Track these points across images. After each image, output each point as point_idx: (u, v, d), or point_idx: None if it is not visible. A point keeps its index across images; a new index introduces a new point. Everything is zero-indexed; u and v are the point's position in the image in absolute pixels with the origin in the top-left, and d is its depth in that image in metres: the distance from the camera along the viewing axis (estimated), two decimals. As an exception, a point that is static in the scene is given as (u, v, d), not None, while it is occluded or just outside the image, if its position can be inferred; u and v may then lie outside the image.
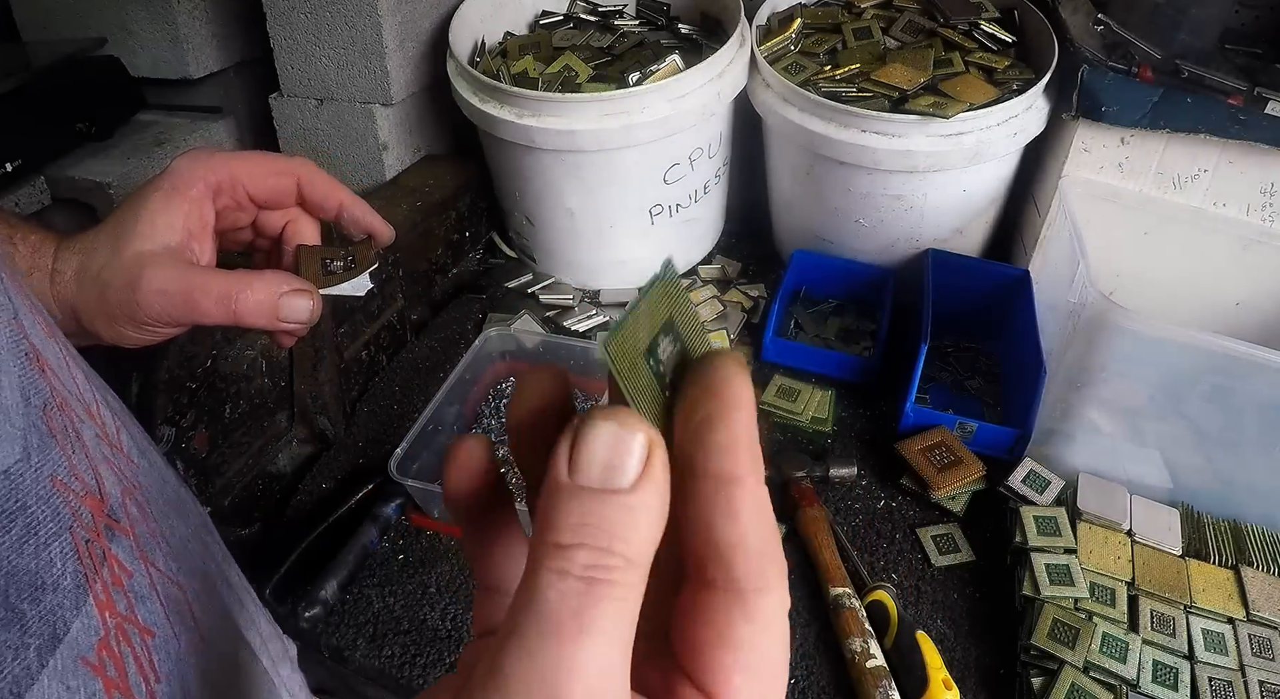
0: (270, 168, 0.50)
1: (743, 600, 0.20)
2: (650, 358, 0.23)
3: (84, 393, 0.32)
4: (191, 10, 1.06)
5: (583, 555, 0.19)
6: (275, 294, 0.47)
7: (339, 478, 0.82)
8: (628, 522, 0.19)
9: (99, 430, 0.32)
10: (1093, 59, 0.86)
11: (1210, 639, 0.66)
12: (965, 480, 0.78)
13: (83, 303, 0.47)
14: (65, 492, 0.26)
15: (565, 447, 0.20)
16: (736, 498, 0.20)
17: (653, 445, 0.20)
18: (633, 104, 0.88)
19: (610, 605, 0.18)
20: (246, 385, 0.76)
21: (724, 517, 0.20)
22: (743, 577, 0.20)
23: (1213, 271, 0.92)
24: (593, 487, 0.19)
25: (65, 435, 0.28)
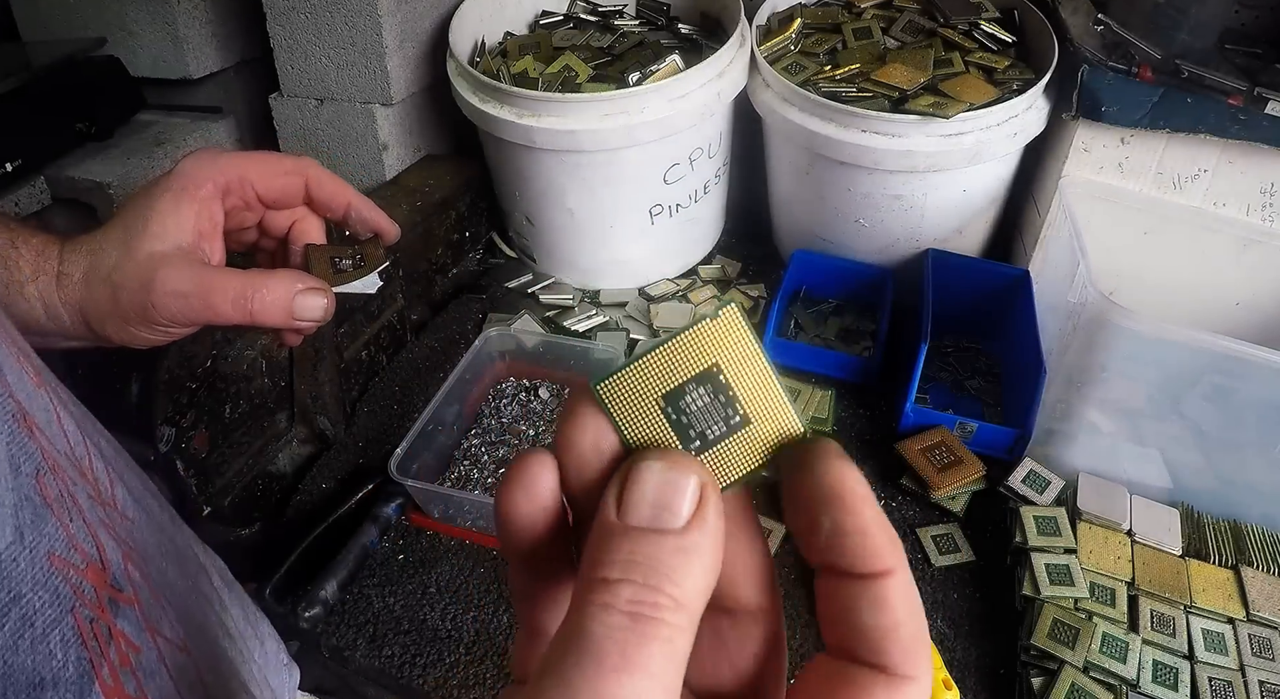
0: (279, 168, 0.51)
1: (891, 683, 0.20)
2: (670, 406, 0.22)
3: (75, 447, 0.32)
4: (191, 10, 1.06)
5: (629, 591, 0.18)
6: (290, 293, 0.47)
7: (339, 478, 0.82)
8: (679, 563, 0.19)
9: (92, 490, 0.31)
10: (1093, 59, 0.86)
11: (1210, 639, 0.66)
12: (965, 480, 0.78)
13: (93, 305, 0.46)
14: (65, 568, 0.26)
15: (615, 487, 0.20)
16: (889, 589, 0.20)
17: (706, 488, 0.20)
18: (633, 104, 0.88)
19: (656, 645, 0.18)
20: (246, 385, 0.76)
21: (876, 608, 0.20)
22: (896, 664, 0.20)
23: (1213, 271, 0.92)
24: (643, 527, 0.19)
25: (61, 502, 0.27)
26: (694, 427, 0.22)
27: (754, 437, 0.22)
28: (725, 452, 0.22)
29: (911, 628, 0.20)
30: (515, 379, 0.92)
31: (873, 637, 0.20)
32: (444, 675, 0.68)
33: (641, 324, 1.02)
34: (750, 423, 0.22)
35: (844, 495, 0.20)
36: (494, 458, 0.84)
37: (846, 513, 0.20)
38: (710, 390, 0.22)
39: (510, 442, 0.86)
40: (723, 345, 0.22)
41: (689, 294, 1.06)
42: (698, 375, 0.22)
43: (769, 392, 0.22)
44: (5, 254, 0.45)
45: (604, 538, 0.19)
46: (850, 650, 0.20)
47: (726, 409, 0.22)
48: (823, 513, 0.20)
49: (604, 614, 0.18)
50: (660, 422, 0.22)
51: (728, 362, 0.22)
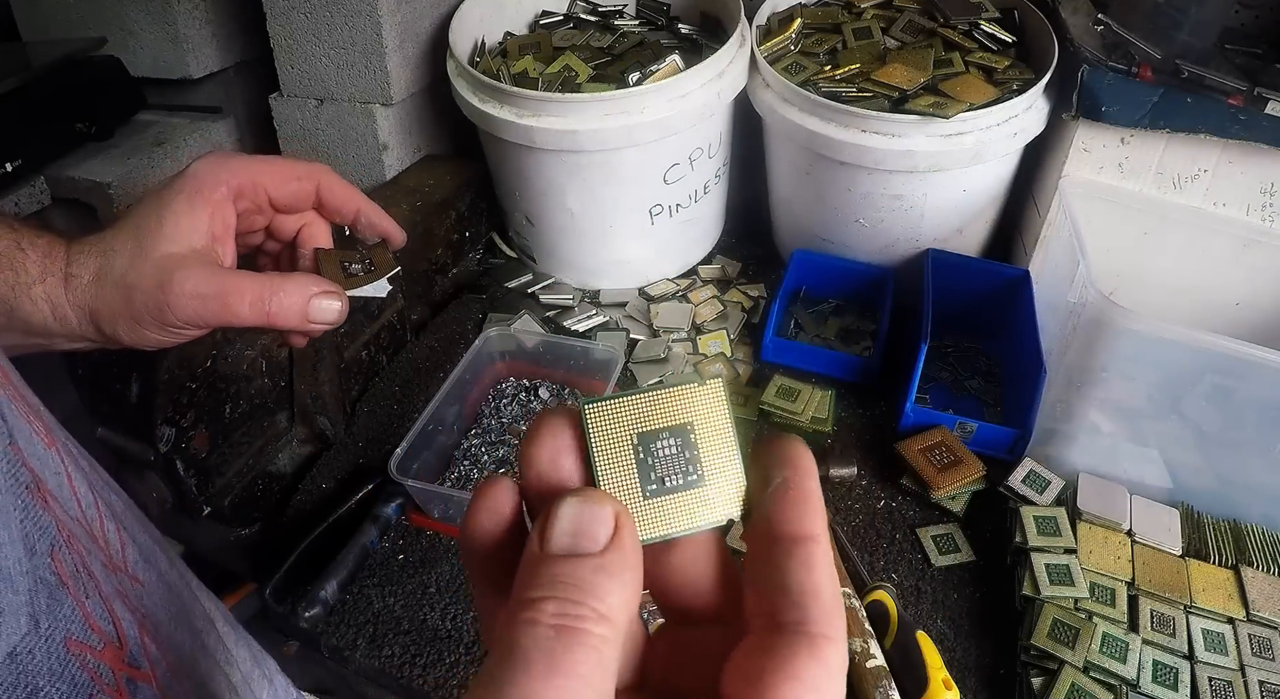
0: (291, 173, 0.51)
1: (813, 643, 0.21)
2: (642, 446, 0.24)
3: (86, 510, 0.32)
4: (191, 10, 1.06)
5: (553, 606, 0.20)
6: (306, 296, 0.48)
7: (339, 478, 0.82)
8: (600, 581, 0.20)
9: (105, 558, 0.31)
10: (1093, 59, 0.86)
11: (1210, 639, 0.66)
12: (965, 480, 0.78)
13: (104, 306, 0.46)
14: (82, 652, 0.25)
15: (539, 524, 0.22)
16: (814, 553, 0.22)
17: (621, 518, 0.22)
18: (633, 104, 0.88)
19: (582, 651, 0.19)
20: (246, 385, 0.76)
21: (802, 569, 0.22)
22: (816, 621, 0.21)
23: (1213, 271, 0.92)
24: (564, 553, 0.21)
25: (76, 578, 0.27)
26: (656, 470, 0.24)
27: (704, 498, 0.24)
28: (675, 503, 0.24)
29: (831, 591, 0.22)
30: (515, 379, 0.92)
31: (798, 596, 0.21)
32: (444, 675, 0.68)
33: (641, 324, 1.02)
34: (704, 484, 0.24)
35: (798, 462, 0.23)
36: (494, 458, 0.84)
37: (797, 474, 0.23)
38: (679, 444, 0.24)
39: (510, 441, 0.86)
40: (700, 410, 0.24)
41: (689, 294, 1.06)
42: (673, 427, 0.24)
43: (729, 464, 0.24)
44: (11, 256, 0.45)
45: (529, 566, 0.21)
46: (775, 614, 0.22)
47: (689, 466, 0.24)
48: (777, 472, 0.23)
49: (531, 628, 0.19)
50: (628, 454, 0.24)
51: (701, 425, 0.24)
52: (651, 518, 0.24)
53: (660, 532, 0.24)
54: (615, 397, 0.24)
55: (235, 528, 0.80)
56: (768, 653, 0.21)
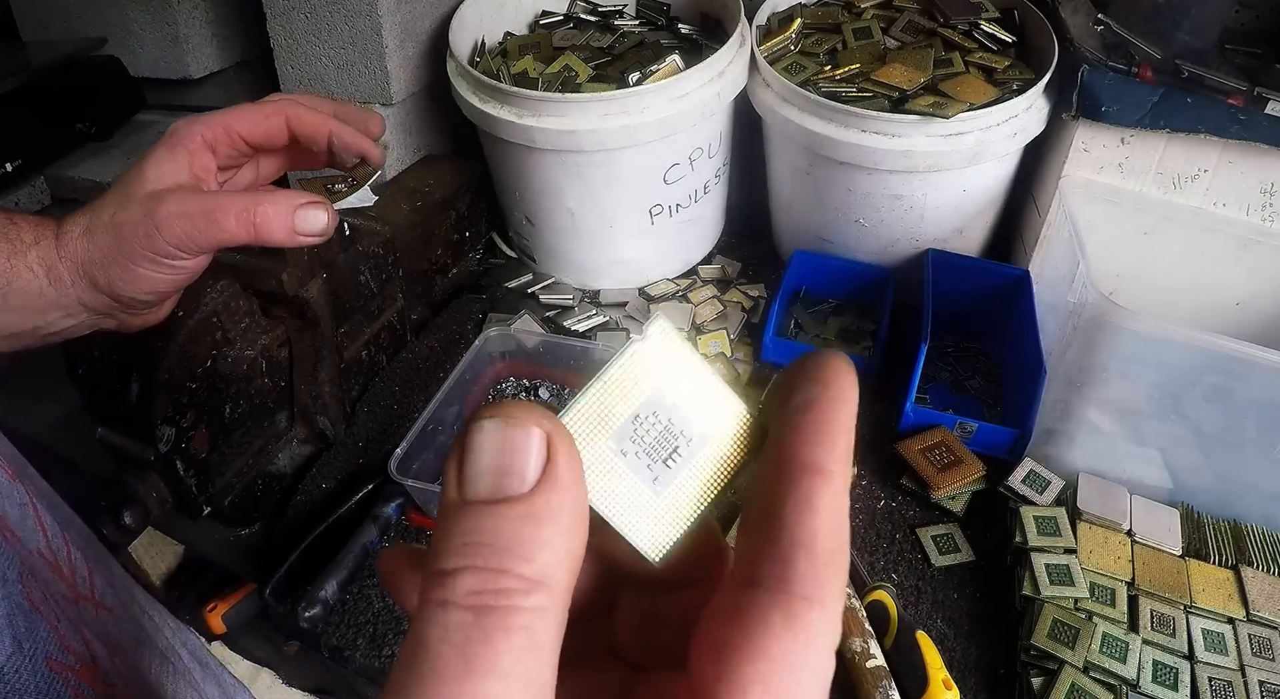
0: (259, 113, 0.53)
1: (789, 605, 0.17)
2: (620, 445, 0.20)
3: (52, 540, 0.32)
4: (191, 10, 1.06)
5: (468, 580, 0.15)
6: (292, 207, 0.48)
7: (339, 478, 0.82)
8: (529, 534, 0.16)
9: (68, 587, 0.31)
10: (1093, 59, 0.86)
11: (1210, 639, 0.66)
12: (965, 480, 0.78)
13: (96, 252, 0.47)
14: (63, 671, 0.25)
15: (454, 458, 0.17)
16: (819, 491, 0.17)
17: (554, 439, 0.17)
18: (633, 104, 0.88)
19: (509, 638, 0.15)
20: (246, 385, 0.75)
21: (799, 508, 0.17)
22: (798, 578, 0.17)
23: (1213, 271, 0.92)
24: (483, 499, 0.16)
25: (48, 604, 0.27)
26: (652, 458, 0.20)
27: (717, 453, 0.20)
28: (690, 478, 0.20)
29: (829, 545, 0.17)
30: (515, 379, 0.92)
31: (785, 544, 0.17)
32: None
33: (642, 324, 1.02)
34: (710, 440, 0.20)
35: (833, 382, 0.19)
36: (494, 458, 0.84)
37: (824, 393, 0.18)
38: (659, 416, 0.20)
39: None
40: (661, 367, 0.20)
41: (689, 294, 1.06)
42: (644, 404, 0.20)
43: (721, 400, 0.20)
44: (4, 228, 0.46)
45: (443, 522, 0.16)
46: (756, 567, 0.17)
47: (684, 434, 0.20)
48: (801, 388, 0.19)
49: (441, 614, 0.15)
50: (615, 461, 0.20)
51: (671, 383, 0.20)
52: (673, 507, 0.20)
53: (691, 513, 0.20)
54: (565, 410, 0.20)
55: (235, 528, 0.80)
56: (739, 618, 0.17)
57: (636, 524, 0.20)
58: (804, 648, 0.16)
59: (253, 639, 0.79)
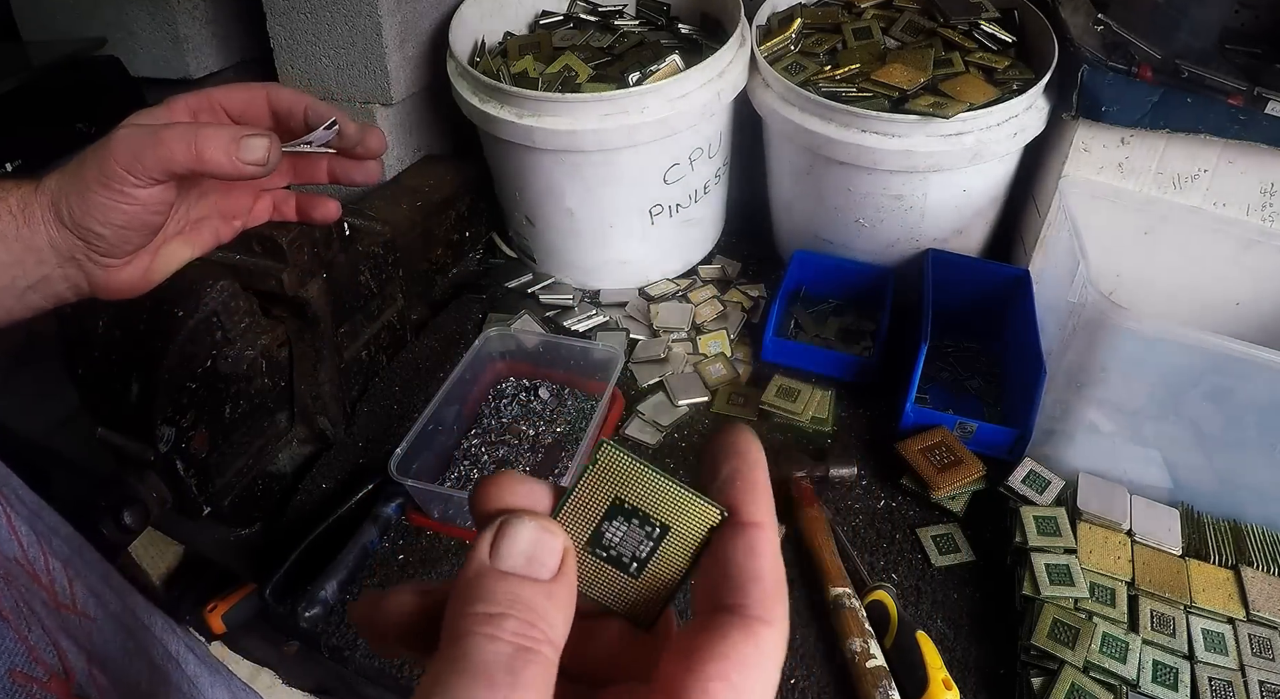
0: (241, 87, 0.56)
1: (748, 625, 0.22)
2: (598, 548, 0.25)
3: (29, 549, 0.32)
4: (191, 10, 1.06)
5: (512, 625, 0.21)
6: (236, 135, 0.49)
7: (339, 478, 0.82)
8: (548, 607, 0.21)
9: (48, 596, 0.32)
10: (1093, 59, 0.86)
11: (1210, 639, 0.66)
12: (965, 480, 0.78)
13: (63, 185, 0.48)
14: (28, 683, 0.26)
15: (489, 535, 0.22)
16: (759, 539, 0.23)
17: (568, 552, 0.23)
18: (633, 104, 0.88)
19: (537, 668, 0.20)
20: (246, 385, 0.75)
21: (746, 554, 0.23)
22: (754, 604, 0.22)
23: (1213, 271, 0.92)
24: (516, 573, 0.22)
25: (18, 613, 0.27)
26: (623, 555, 0.25)
27: (680, 537, 0.25)
28: (661, 562, 0.25)
29: (773, 578, 0.22)
30: (515, 379, 0.92)
31: (739, 579, 0.22)
32: None
33: (641, 324, 1.02)
34: (670, 529, 0.25)
35: (746, 453, 0.24)
36: (494, 458, 0.84)
37: (743, 463, 0.24)
38: (623, 519, 0.25)
39: (510, 441, 0.86)
40: (614, 480, 0.25)
41: (689, 294, 1.06)
42: (607, 512, 0.25)
43: (673, 496, 0.25)
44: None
45: (480, 577, 0.22)
46: (717, 596, 0.22)
47: (644, 527, 0.25)
48: (725, 462, 0.24)
49: (490, 643, 0.20)
50: (596, 561, 0.25)
51: (626, 490, 0.25)
52: (654, 583, 0.25)
53: (670, 584, 0.25)
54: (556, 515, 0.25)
55: (235, 528, 0.80)
56: (703, 632, 0.22)
57: (625, 603, 0.25)
58: (758, 656, 0.21)
59: (253, 639, 0.79)
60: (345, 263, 0.84)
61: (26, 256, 0.48)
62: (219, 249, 0.60)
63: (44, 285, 0.50)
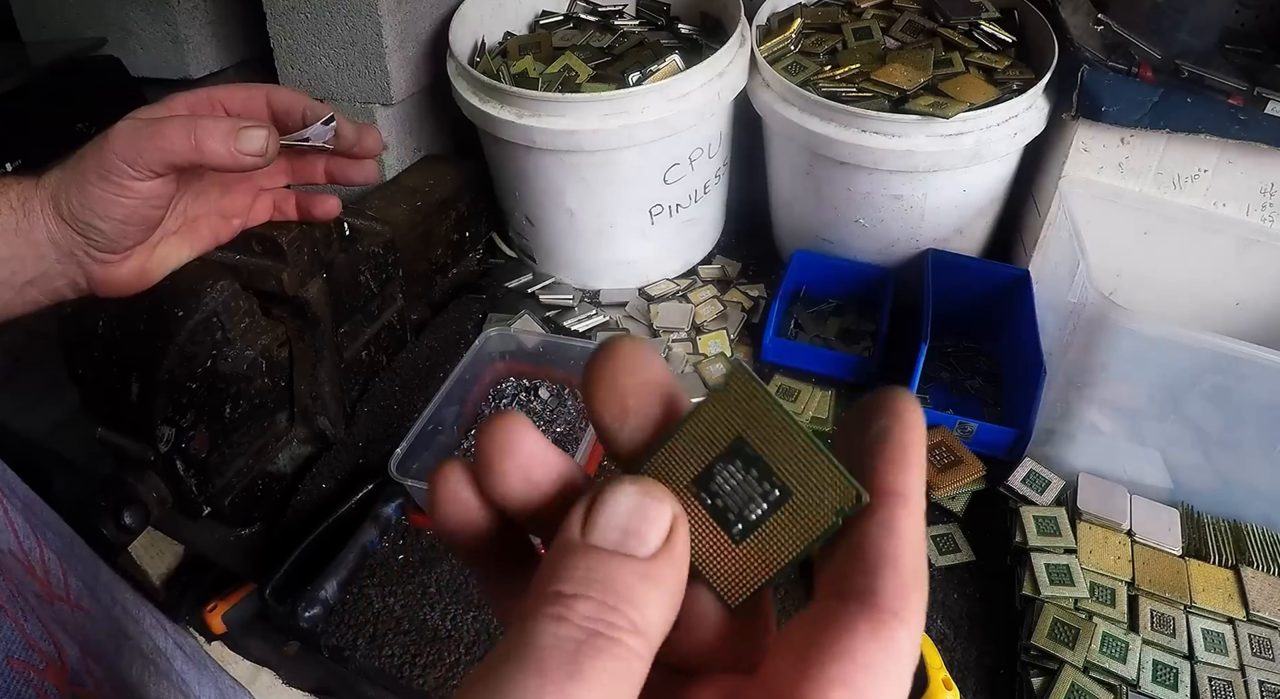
0: (241, 87, 0.57)
1: (877, 617, 0.18)
2: (702, 491, 0.20)
3: (24, 541, 0.32)
4: (191, 10, 1.06)
5: (586, 607, 0.17)
6: (234, 126, 0.49)
7: (339, 478, 0.82)
8: (641, 589, 0.18)
9: (42, 586, 0.32)
10: (1093, 59, 0.86)
11: (1210, 639, 0.66)
12: (965, 480, 0.78)
13: (63, 180, 0.49)
14: (26, 670, 0.26)
15: (583, 506, 0.19)
16: (900, 515, 0.19)
17: (678, 521, 0.19)
18: (633, 104, 0.88)
19: (608, 661, 0.17)
20: (246, 385, 0.75)
21: (883, 531, 0.19)
22: (885, 593, 0.18)
23: (1213, 271, 0.92)
24: (608, 548, 0.18)
25: (14, 602, 0.27)
26: (730, 510, 0.20)
27: (800, 510, 0.20)
28: (771, 531, 0.20)
29: (912, 565, 0.19)
30: (515, 379, 0.92)
31: (871, 562, 0.19)
32: (444, 675, 0.68)
33: (641, 324, 1.02)
34: (792, 495, 0.20)
35: (903, 414, 0.20)
36: (494, 458, 0.84)
37: (897, 424, 0.20)
38: (740, 466, 0.20)
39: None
40: (742, 414, 0.20)
41: (689, 294, 1.06)
42: (724, 453, 0.20)
43: (806, 454, 0.20)
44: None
45: (564, 554, 0.18)
46: (842, 582, 0.19)
47: (762, 484, 0.20)
48: (875, 421, 0.20)
49: (555, 626, 0.17)
50: (695, 507, 0.20)
51: (752, 432, 0.20)
52: (754, 558, 0.20)
53: (774, 567, 0.20)
54: (649, 453, 0.21)
55: (235, 528, 0.80)
56: (824, 623, 0.18)
57: (716, 570, 0.21)
58: (888, 657, 0.18)
59: (253, 639, 0.79)
60: (345, 263, 0.84)
61: (26, 252, 0.48)
62: (219, 249, 0.60)
63: (43, 281, 0.50)
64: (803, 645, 0.18)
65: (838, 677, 0.17)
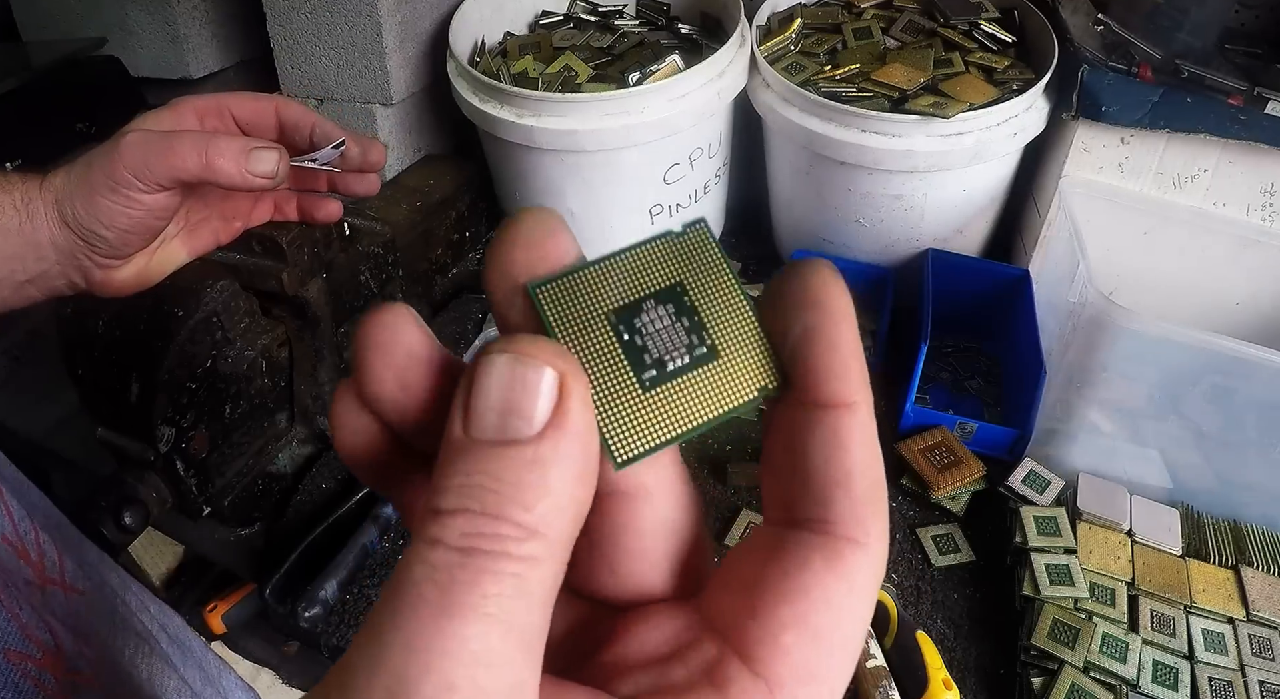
0: (250, 97, 0.57)
1: (831, 546, 0.16)
2: (621, 324, 0.18)
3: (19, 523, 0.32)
4: (191, 10, 1.06)
5: (461, 521, 0.14)
6: (246, 146, 0.49)
7: (339, 478, 0.82)
8: (531, 481, 0.15)
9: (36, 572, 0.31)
10: (1093, 59, 0.86)
11: (1210, 639, 0.66)
12: (965, 480, 0.78)
13: (69, 184, 0.49)
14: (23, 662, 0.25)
15: (461, 393, 0.16)
16: (846, 426, 0.17)
17: (567, 380, 0.16)
18: (633, 104, 0.88)
19: (496, 582, 0.14)
20: (246, 385, 0.75)
21: (828, 447, 0.17)
22: (839, 519, 0.16)
23: (1213, 271, 0.92)
24: (489, 439, 0.15)
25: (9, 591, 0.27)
26: (650, 350, 0.18)
27: (721, 375, 0.18)
28: (685, 388, 0.18)
29: (867, 481, 0.17)
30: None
31: (818, 483, 0.16)
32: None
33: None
34: (718, 357, 0.18)
35: (826, 302, 0.17)
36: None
37: (824, 318, 0.17)
38: (672, 311, 0.18)
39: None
40: (688, 264, 0.18)
41: (689, 294, 1.06)
42: (658, 292, 0.18)
43: (741, 322, 0.18)
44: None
45: (446, 459, 0.15)
46: (792, 507, 0.17)
47: (690, 336, 0.18)
48: (796, 317, 0.17)
49: (430, 552, 0.14)
50: (608, 338, 0.18)
51: (694, 282, 0.18)
52: (658, 414, 0.18)
53: (676, 430, 0.18)
54: (572, 270, 0.18)
55: (235, 528, 0.80)
56: (773, 555, 0.16)
57: (611, 417, 0.17)
58: (846, 591, 0.16)
59: (253, 639, 0.79)
60: (345, 263, 0.84)
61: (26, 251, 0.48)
62: (219, 249, 0.60)
63: (41, 280, 0.50)
64: (751, 581, 0.16)
65: (791, 618, 0.16)
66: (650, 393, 0.18)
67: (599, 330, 0.18)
